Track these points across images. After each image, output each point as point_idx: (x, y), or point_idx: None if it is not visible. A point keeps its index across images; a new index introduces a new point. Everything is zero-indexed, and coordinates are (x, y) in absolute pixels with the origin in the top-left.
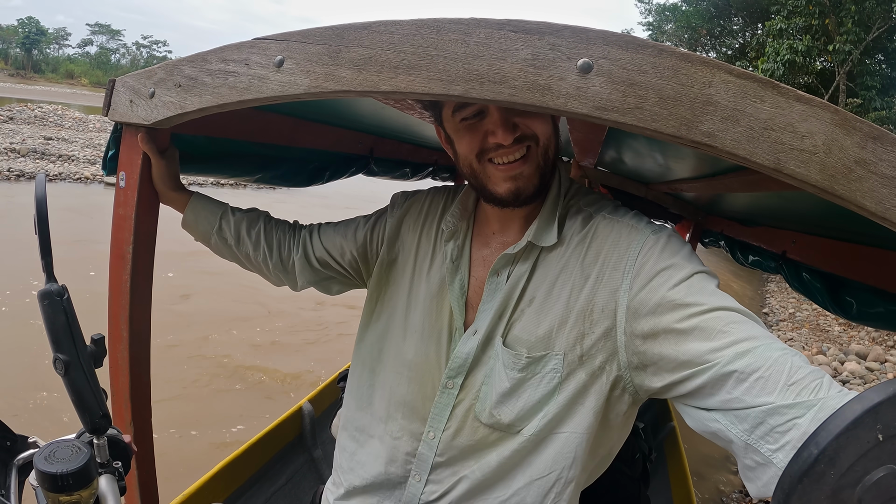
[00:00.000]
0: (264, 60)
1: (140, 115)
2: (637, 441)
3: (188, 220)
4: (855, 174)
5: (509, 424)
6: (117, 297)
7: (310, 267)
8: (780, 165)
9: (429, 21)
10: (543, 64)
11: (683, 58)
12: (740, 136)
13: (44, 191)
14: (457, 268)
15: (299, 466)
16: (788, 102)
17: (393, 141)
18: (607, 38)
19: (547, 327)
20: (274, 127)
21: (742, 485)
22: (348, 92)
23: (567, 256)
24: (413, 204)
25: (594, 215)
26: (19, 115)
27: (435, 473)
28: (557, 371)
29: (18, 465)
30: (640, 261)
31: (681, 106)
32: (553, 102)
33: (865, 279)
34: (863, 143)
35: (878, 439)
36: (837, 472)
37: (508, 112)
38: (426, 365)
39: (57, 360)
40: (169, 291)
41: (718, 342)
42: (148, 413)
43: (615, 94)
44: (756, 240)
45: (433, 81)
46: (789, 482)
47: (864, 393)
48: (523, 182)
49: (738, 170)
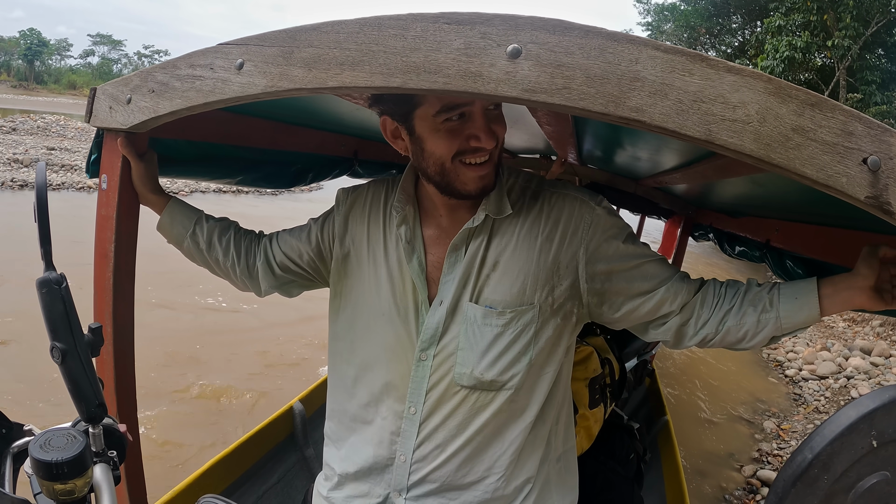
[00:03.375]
0: (227, 64)
1: (118, 120)
2: (632, 441)
3: (164, 222)
4: (792, 142)
5: (493, 381)
6: (101, 294)
7: (272, 272)
8: (711, 136)
9: (371, 19)
10: (475, 52)
11: (610, 37)
12: (669, 109)
13: (44, 178)
14: (413, 248)
15: (291, 465)
16: (718, 74)
17: (378, 143)
18: (535, 23)
19: (520, 285)
20: (254, 130)
21: (745, 481)
22: (300, 90)
23: (527, 225)
24: (357, 198)
25: (540, 190)
26: (22, 126)
27: (419, 450)
28: (534, 321)
29: (14, 452)
30: (592, 227)
31: (608, 83)
32: (484, 88)
33: (844, 262)
34: (800, 110)
35: (872, 446)
36: (831, 478)
37: (486, 117)
38: (398, 343)
39: (54, 348)
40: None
41: (653, 281)
42: (133, 406)
43: (543, 77)
44: (742, 230)
45: (375, 75)
46: (783, 486)
47: (860, 399)
48: (488, 180)
49: (709, 156)
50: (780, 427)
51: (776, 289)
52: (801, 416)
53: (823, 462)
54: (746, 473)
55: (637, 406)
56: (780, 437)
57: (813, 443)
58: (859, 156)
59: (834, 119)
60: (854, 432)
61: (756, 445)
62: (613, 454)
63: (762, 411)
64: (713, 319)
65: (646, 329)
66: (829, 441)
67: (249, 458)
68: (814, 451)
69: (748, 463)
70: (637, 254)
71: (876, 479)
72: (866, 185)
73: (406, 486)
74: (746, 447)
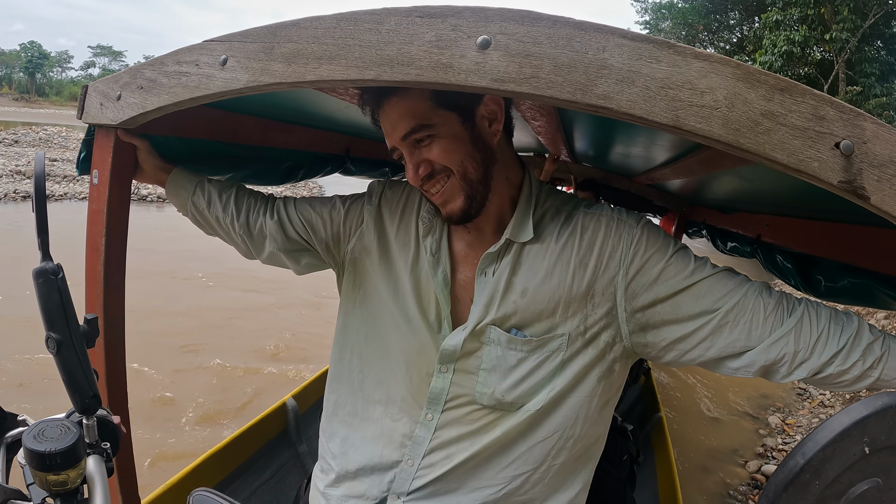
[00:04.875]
0: (211, 60)
1: (109, 116)
2: (625, 443)
3: (170, 188)
4: (762, 126)
5: (513, 402)
6: (92, 287)
7: (284, 234)
8: (679, 122)
9: (347, 14)
10: (446, 44)
11: (577, 26)
12: (636, 96)
13: (42, 168)
14: (437, 261)
15: (284, 461)
16: (686, 60)
17: (370, 141)
18: (504, 14)
19: (549, 313)
20: (245, 127)
21: (749, 477)
22: (280, 84)
23: (559, 250)
24: (392, 195)
25: (574, 212)
26: (24, 138)
27: (428, 457)
28: (562, 350)
29: (7, 442)
30: (633, 249)
31: (575, 72)
32: (455, 79)
33: (832, 255)
34: (769, 95)
35: (864, 452)
36: (823, 483)
37: (418, 153)
38: (420, 351)
39: (49, 338)
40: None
41: (706, 302)
42: (125, 398)
43: (512, 66)
44: (734, 226)
45: (350, 68)
46: (774, 491)
47: (853, 406)
48: (451, 206)
49: (695, 149)
50: (784, 422)
51: (887, 343)
52: (807, 410)
53: (815, 468)
54: (751, 469)
55: (632, 404)
56: (784, 433)
57: (805, 448)
58: (831, 140)
59: (804, 104)
60: (846, 438)
61: (760, 441)
62: (606, 455)
63: (766, 406)
64: (813, 360)
65: (719, 364)
66: (821, 447)
67: (243, 452)
68: (806, 457)
69: (752, 458)
70: (686, 273)
71: (867, 485)
72: (839, 169)
73: (407, 490)
74: (751, 442)
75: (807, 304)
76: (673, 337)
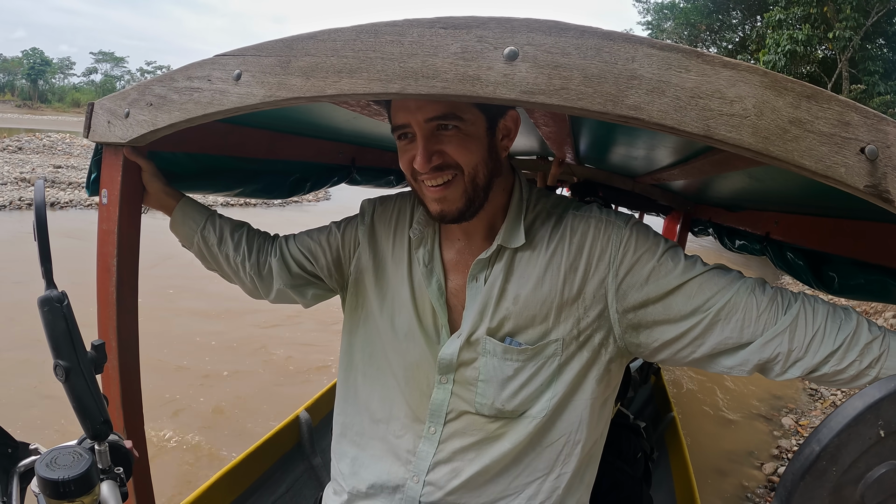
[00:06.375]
0: (224, 75)
1: (117, 134)
2: (639, 440)
3: (176, 219)
4: (790, 134)
5: (514, 410)
6: (104, 309)
7: (288, 271)
8: (710, 132)
9: (367, 26)
10: (472, 56)
11: (605, 36)
12: (667, 106)
13: (42, 197)
14: (431, 271)
15: (299, 475)
16: (714, 69)
17: (375, 150)
18: (531, 25)
19: (542, 319)
20: (252, 141)
21: (766, 479)
22: (299, 98)
23: (549, 255)
24: (383, 210)
25: (564, 215)
26: (28, 145)
27: (433, 472)
28: (557, 354)
29: (20, 471)
30: (622, 250)
31: (605, 83)
32: (483, 91)
33: (846, 252)
34: (796, 102)
35: (879, 435)
36: (840, 469)
37: (434, 140)
38: (420, 364)
39: (57, 366)
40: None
41: (697, 300)
42: (140, 420)
43: (541, 78)
44: (741, 224)
45: (373, 82)
46: (791, 479)
47: (866, 389)
48: (447, 205)
49: (706, 151)
50: (798, 423)
51: (886, 342)
52: (819, 410)
53: (831, 454)
54: (767, 471)
55: (643, 404)
56: (798, 434)
57: (820, 435)
58: (857, 145)
59: (830, 110)
60: (861, 423)
61: (775, 442)
62: (620, 454)
63: (779, 407)
64: (807, 359)
65: (712, 361)
66: (836, 433)
67: (256, 469)
68: (821, 444)
69: (768, 460)
70: (677, 273)
71: (884, 468)
72: (865, 174)
73: None
74: (766, 444)
75: (803, 302)
76: (665, 338)
